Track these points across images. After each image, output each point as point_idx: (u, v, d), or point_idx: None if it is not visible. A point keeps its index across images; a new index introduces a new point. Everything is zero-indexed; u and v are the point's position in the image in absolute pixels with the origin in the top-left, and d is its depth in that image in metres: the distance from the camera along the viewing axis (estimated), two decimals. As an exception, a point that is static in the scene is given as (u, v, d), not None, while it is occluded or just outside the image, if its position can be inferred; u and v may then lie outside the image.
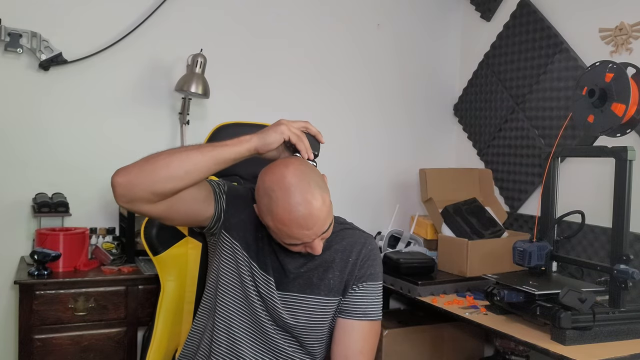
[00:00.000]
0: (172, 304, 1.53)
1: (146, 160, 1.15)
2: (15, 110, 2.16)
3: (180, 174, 1.14)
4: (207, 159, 1.16)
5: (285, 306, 1.29)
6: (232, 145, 1.19)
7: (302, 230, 1.18)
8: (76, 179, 2.23)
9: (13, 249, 2.15)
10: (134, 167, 1.15)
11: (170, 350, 1.54)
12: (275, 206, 1.17)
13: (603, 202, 2.05)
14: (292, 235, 1.19)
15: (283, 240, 1.22)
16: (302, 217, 1.16)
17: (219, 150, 1.17)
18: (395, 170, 2.87)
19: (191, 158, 1.15)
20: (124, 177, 1.14)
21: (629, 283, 1.59)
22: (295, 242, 1.21)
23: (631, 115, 1.62)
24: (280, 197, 1.16)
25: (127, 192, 1.14)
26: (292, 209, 1.16)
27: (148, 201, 1.16)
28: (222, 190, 1.33)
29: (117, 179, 1.14)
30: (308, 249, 1.23)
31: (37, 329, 1.87)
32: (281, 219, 1.17)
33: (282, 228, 1.18)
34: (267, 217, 1.21)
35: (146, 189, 1.14)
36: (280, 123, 1.22)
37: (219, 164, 1.18)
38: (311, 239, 1.20)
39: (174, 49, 2.37)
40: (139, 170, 1.14)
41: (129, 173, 1.14)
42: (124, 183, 1.14)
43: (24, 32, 2.11)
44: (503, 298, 1.69)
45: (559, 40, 2.38)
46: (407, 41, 2.89)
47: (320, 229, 1.19)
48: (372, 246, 1.37)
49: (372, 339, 1.32)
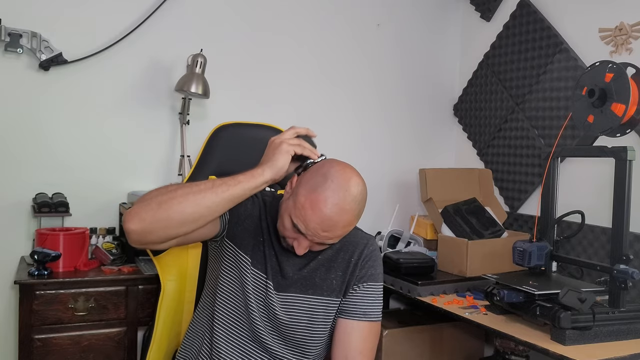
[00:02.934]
0: (172, 304, 1.53)
1: (158, 204, 1.13)
2: (15, 110, 2.16)
3: (194, 218, 1.14)
4: (220, 199, 1.15)
5: (284, 308, 1.29)
6: (246, 181, 1.17)
7: (318, 224, 1.18)
8: (76, 179, 2.24)
9: (13, 249, 2.15)
10: (147, 213, 1.12)
11: (170, 350, 1.55)
12: (322, 188, 1.18)
13: (603, 202, 2.05)
14: (306, 220, 1.18)
15: (295, 217, 1.20)
16: (329, 217, 1.17)
17: (233, 189, 1.16)
18: (395, 170, 2.87)
19: (205, 200, 1.14)
20: (138, 225, 1.12)
21: (629, 283, 1.59)
22: (301, 227, 1.20)
23: (631, 115, 1.63)
24: (333, 184, 1.18)
25: (142, 239, 1.15)
26: (331, 203, 1.17)
27: (162, 241, 1.18)
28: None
29: (131, 227, 1.12)
30: (294, 244, 1.24)
31: (37, 329, 1.87)
32: (315, 201, 1.17)
33: (307, 207, 1.18)
34: (304, 189, 1.20)
35: (161, 235, 1.15)
36: (275, 144, 1.22)
37: (233, 202, 1.18)
38: (311, 237, 1.20)
39: (174, 49, 2.37)
40: (152, 217, 1.12)
41: (143, 220, 1.12)
42: (139, 230, 1.13)
43: (24, 32, 2.11)
44: (503, 298, 1.69)
45: (559, 40, 2.38)
46: (407, 41, 2.89)
47: (327, 238, 1.21)
48: (374, 247, 1.37)
49: (372, 339, 1.33)
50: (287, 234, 1.25)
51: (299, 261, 1.32)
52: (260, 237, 1.33)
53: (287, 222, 1.23)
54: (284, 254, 1.32)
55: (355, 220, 1.24)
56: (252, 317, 1.29)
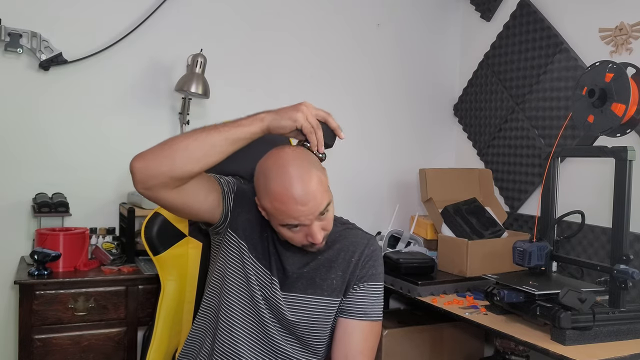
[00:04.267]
0: (172, 303, 1.53)
1: (164, 144, 1.16)
2: (15, 110, 2.16)
3: (198, 156, 1.15)
4: (223, 139, 1.16)
5: (289, 306, 1.29)
6: (247, 124, 1.19)
7: (298, 206, 1.17)
8: (76, 179, 2.24)
9: (13, 249, 2.15)
10: (152, 152, 1.15)
11: (170, 350, 1.54)
12: (272, 183, 1.19)
13: (603, 202, 2.05)
14: (289, 213, 1.18)
15: (281, 222, 1.21)
16: (298, 192, 1.17)
17: (234, 130, 1.17)
18: (395, 170, 2.87)
19: (209, 139, 1.16)
20: (143, 162, 1.14)
21: (629, 283, 1.59)
22: (293, 222, 1.19)
23: (631, 115, 1.62)
24: (277, 174, 1.19)
25: (146, 177, 1.15)
26: (287, 184, 1.17)
27: (166, 186, 1.16)
28: (230, 189, 1.33)
29: (136, 164, 1.14)
30: (309, 238, 1.22)
31: (37, 329, 1.86)
32: (278, 195, 1.18)
33: (279, 206, 1.18)
34: (265, 199, 1.21)
35: (165, 173, 1.14)
36: (299, 109, 1.21)
37: (235, 143, 1.18)
38: (309, 219, 1.19)
39: (174, 49, 2.37)
40: (157, 154, 1.14)
41: (147, 158, 1.14)
42: (143, 168, 1.14)
43: (24, 32, 2.11)
44: (503, 298, 1.69)
45: (559, 40, 2.38)
46: (407, 41, 2.89)
47: (316, 206, 1.19)
48: (375, 247, 1.37)
49: (373, 339, 1.33)
50: (297, 238, 1.24)
51: (299, 260, 1.32)
52: (265, 232, 1.33)
53: (286, 231, 1.23)
54: (285, 252, 1.32)
55: (322, 170, 1.23)
56: (260, 311, 1.29)
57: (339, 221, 1.41)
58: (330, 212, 1.25)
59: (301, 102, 1.23)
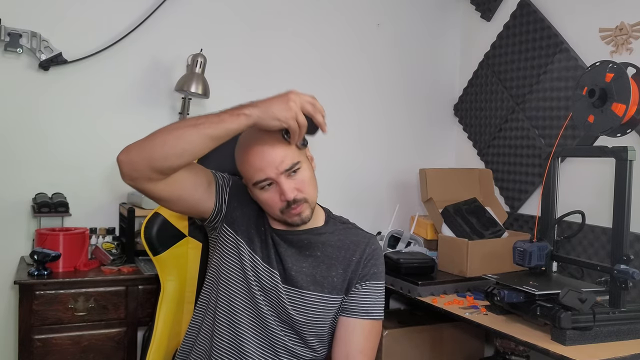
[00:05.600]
0: (172, 304, 1.53)
1: (146, 138, 1.16)
2: (15, 110, 2.16)
3: (176, 152, 1.14)
4: (202, 136, 1.14)
5: (290, 300, 1.29)
6: (229, 121, 1.15)
7: (263, 155, 1.22)
8: (76, 179, 2.23)
9: (13, 249, 2.15)
10: (135, 145, 1.16)
11: (170, 350, 1.54)
12: (243, 143, 1.27)
13: (603, 202, 2.05)
14: (256, 164, 1.22)
15: (253, 179, 1.24)
16: (263, 144, 1.22)
17: (215, 126, 1.14)
18: (396, 170, 2.86)
19: (186, 136, 1.14)
20: (126, 155, 1.16)
21: (629, 283, 1.59)
22: (261, 175, 1.22)
23: (631, 115, 1.62)
24: (247, 137, 1.26)
25: (130, 170, 1.16)
26: (254, 140, 1.23)
27: (149, 179, 1.17)
28: (225, 183, 1.33)
29: (120, 157, 1.16)
30: (282, 196, 1.23)
31: (37, 329, 1.86)
32: (246, 150, 1.24)
33: (248, 161, 1.24)
34: (239, 162, 1.28)
35: (145, 167, 1.15)
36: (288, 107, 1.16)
37: (216, 140, 1.15)
38: (274, 172, 1.22)
39: (174, 49, 2.37)
40: (138, 148, 1.16)
41: (130, 151, 1.16)
42: (126, 161, 1.16)
43: (24, 32, 2.11)
44: (503, 298, 1.69)
45: (559, 40, 2.38)
46: (407, 41, 2.89)
47: (280, 157, 1.21)
48: (376, 246, 1.37)
49: (374, 338, 1.32)
50: (273, 202, 1.26)
51: (297, 255, 1.32)
52: (262, 226, 1.33)
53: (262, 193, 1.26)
54: (283, 245, 1.32)
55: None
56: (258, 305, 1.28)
57: (339, 220, 1.41)
58: (305, 173, 1.26)
59: (289, 93, 1.18)
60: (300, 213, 1.26)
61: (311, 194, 1.28)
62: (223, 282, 1.31)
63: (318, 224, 1.36)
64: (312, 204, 1.30)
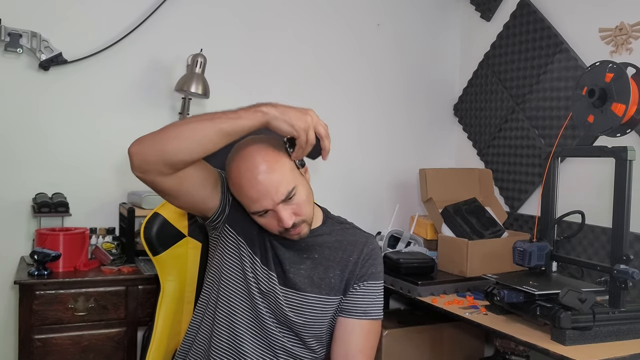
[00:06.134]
0: (172, 304, 1.53)
1: (160, 131, 1.15)
2: (15, 110, 2.16)
3: (191, 146, 1.13)
4: (217, 131, 1.13)
5: (287, 303, 1.29)
6: (246, 117, 1.15)
7: (255, 190, 1.20)
8: (76, 179, 2.24)
9: (13, 249, 2.15)
10: (148, 137, 1.15)
11: (170, 351, 1.54)
12: (232, 173, 1.24)
13: (603, 202, 2.05)
14: (252, 197, 1.21)
15: (250, 209, 1.24)
16: (257, 174, 1.19)
17: (232, 122, 1.14)
18: (395, 170, 2.87)
19: (202, 130, 1.13)
20: (139, 147, 1.15)
21: (629, 283, 1.59)
22: (258, 208, 1.22)
23: (631, 115, 1.62)
24: (236, 157, 1.24)
25: (141, 162, 1.15)
26: (245, 162, 1.21)
27: (160, 173, 1.16)
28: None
29: (132, 149, 1.15)
30: (280, 223, 1.23)
31: (37, 329, 1.87)
32: (239, 175, 1.22)
33: (243, 190, 1.21)
34: (234, 185, 1.25)
35: (158, 160, 1.14)
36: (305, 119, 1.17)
37: (230, 136, 1.15)
38: (270, 203, 1.21)
39: (174, 49, 2.37)
40: (152, 141, 1.14)
41: (143, 143, 1.15)
42: (138, 152, 1.14)
43: (24, 32, 2.11)
44: (503, 298, 1.69)
45: (559, 40, 2.38)
46: (407, 41, 2.89)
47: (275, 188, 1.20)
48: (374, 245, 1.37)
49: (373, 338, 1.32)
50: (272, 225, 1.25)
51: (295, 257, 1.32)
52: (261, 228, 1.33)
53: (260, 219, 1.25)
54: (281, 248, 1.32)
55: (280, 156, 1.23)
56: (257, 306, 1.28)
57: (337, 220, 1.41)
58: (300, 197, 1.24)
59: (308, 110, 1.20)
60: (299, 232, 1.27)
61: (308, 213, 1.28)
62: (224, 282, 1.31)
63: (316, 224, 1.36)
64: (310, 219, 1.30)
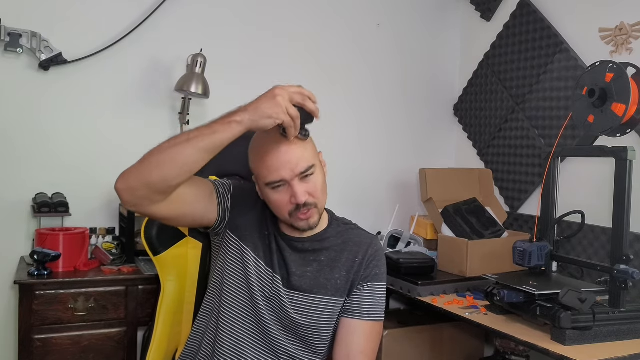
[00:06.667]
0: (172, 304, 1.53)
1: (141, 161, 1.14)
2: (15, 110, 2.16)
3: (174, 171, 1.13)
4: (196, 151, 1.12)
5: (293, 305, 1.29)
6: (222, 130, 1.13)
7: (279, 156, 1.20)
8: (76, 179, 2.23)
9: (13, 249, 2.15)
10: (131, 172, 1.14)
11: (170, 351, 1.54)
12: (259, 142, 1.25)
13: (603, 202, 2.05)
14: (272, 165, 1.21)
15: (266, 179, 1.23)
16: (280, 145, 1.21)
17: (209, 138, 1.13)
18: (396, 170, 2.87)
19: (181, 153, 1.12)
20: (124, 183, 1.14)
21: (629, 283, 1.59)
22: (276, 177, 1.21)
23: (631, 115, 1.62)
24: (262, 134, 1.24)
25: (130, 197, 1.14)
26: (271, 140, 1.21)
27: (151, 202, 1.16)
28: (226, 190, 1.33)
29: (118, 186, 1.14)
30: (293, 199, 1.22)
31: (37, 329, 1.87)
32: (262, 149, 1.22)
33: (264, 161, 1.21)
34: (254, 161, 1.25)
35: (145, 191, 1.13)
36: (276, 102, 1.14)
37: (212, 152, 1.14)
38: (289, 174, 1.21)
39: (174, 49, 2.37)
40: (136, 174, 1.13)
41: (128, 178, 1.14)
42: (125, 188, 1.14)
43: (24, 32, 2.11)
44: (503, 298, 1.69)
45: (559, 40, 2.38)
46: (407, 41, 2.89)
47: (297, 159, 1.21)
48: (378, 247, 1.37)
49: (374, 339, 1.32)
50: (283, 202, 1.24)
51: (302, 259, 1.32)
52: (265, 230, 1.33)
53: (273, 194, 1.24)
54: (288, 250, 1.32)
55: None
56: (260, 310, 1.28)
57: (342, 221, 1.42)
58: (318, 179, 1.25)
59: (274, 89, 1.16)
60: (308, 218, 1.25)
61: (321, 200, 1.28)
62: (226, 288, 1.31)
63: (322, 227, 1.36)
64: (321, 210, 1.29)
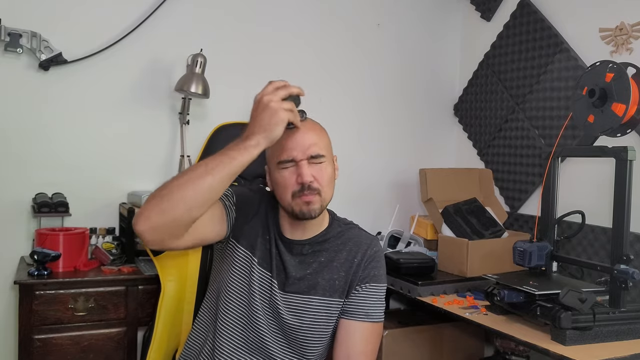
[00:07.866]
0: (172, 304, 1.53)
1: (160, 199, 1.12)
2: (15, 110, 2.16)
3: (199, 203, 1.13)
4: (219, 180, 1.13)
5: (288, 307, 1.29)
6: (240, 156, 1.14)
7: (296, 137, 1.25)
8: (76, 179, 2.23)
9: (13, 249, 2.15)
10: (152, 210, 1.12)
11: (170, 351, 1.54)
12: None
13: (603, 202, 2.05)
14: (286, 146, 1.25)
15: (279, 156, 1.26)
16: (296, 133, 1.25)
17: (230, 165, 1.14)
18: (395, 170, 2.86)
19: (204, 184, 1.12)
20: (146, 224, 1.12)
21: (629, 283, 1.59)
22: (288, 155, 1.24)
23: (631, 115, 1.62)
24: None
25: (154, 237, 1.14)
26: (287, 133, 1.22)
27: (175, 237, 1.17)
28: (231, 203, 1.33)
29: (141, 228, 1.12)
30: (299, 178, 1.24)
31: (37, 329, 1.86)
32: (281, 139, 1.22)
33: (280, 140, 1.22)
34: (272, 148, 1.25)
35: (172, 228, 1.13)
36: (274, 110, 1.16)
37: (232, 177, 1.16)
38: (301, 153, 1.24)
39: (174, 49, 2.37)
40: (157, 212, 1.12)
41: (149, 217, 1.12)
42: (148, 230, 1.12)
43: (24, 32, 2.11)
44: (503, 298, 1.69)
45: (559, 40, 2.38)
46: (407, 41, 2.89)
47: (310, 141, 1.25)
48: (377, 248, 1.37)
49: (374, 340, 1.33)
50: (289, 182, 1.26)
51: (302, 265, 1.32)
52: (267, 235, 1.34)
53: (280, 173, 1.26)
54: (288, 254, 1.32)
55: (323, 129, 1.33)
56: (255, 317, 1.29)
57: (342, 222, 1.42)
58: (326, 170, 1.28)
59: (261, 99, 1.18)
60: (310, 202, 1.25)
61: (326, 191, 1.29)
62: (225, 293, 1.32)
63: (322, 227, 1.36)
64: (324, 201, 1.29)
